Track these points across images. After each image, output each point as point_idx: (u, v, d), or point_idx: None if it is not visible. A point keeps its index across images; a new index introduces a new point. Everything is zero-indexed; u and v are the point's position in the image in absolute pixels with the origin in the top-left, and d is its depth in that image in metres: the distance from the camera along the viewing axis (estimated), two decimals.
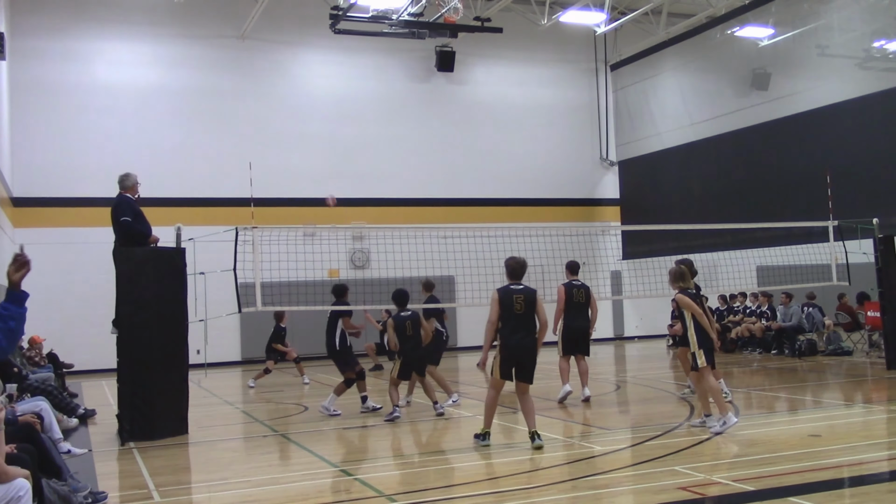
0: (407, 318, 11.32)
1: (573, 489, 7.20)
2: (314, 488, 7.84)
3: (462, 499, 7.02)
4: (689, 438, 9.24)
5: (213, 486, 7.85)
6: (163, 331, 10.67)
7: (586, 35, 26.14)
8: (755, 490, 6.87)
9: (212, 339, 18.64)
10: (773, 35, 22.11)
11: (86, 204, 19.86)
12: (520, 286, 9.24)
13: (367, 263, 23.16)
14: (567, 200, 26.19)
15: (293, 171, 22.93)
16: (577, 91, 26.99)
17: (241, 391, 17.01)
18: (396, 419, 11.24)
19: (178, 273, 11.04)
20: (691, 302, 9.66)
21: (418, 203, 24.10)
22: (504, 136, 25.71)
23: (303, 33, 23.65)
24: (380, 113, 24.46)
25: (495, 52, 25.39)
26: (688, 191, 23.64)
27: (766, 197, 20.76)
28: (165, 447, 9.93)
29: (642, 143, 25.91)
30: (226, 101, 22.84)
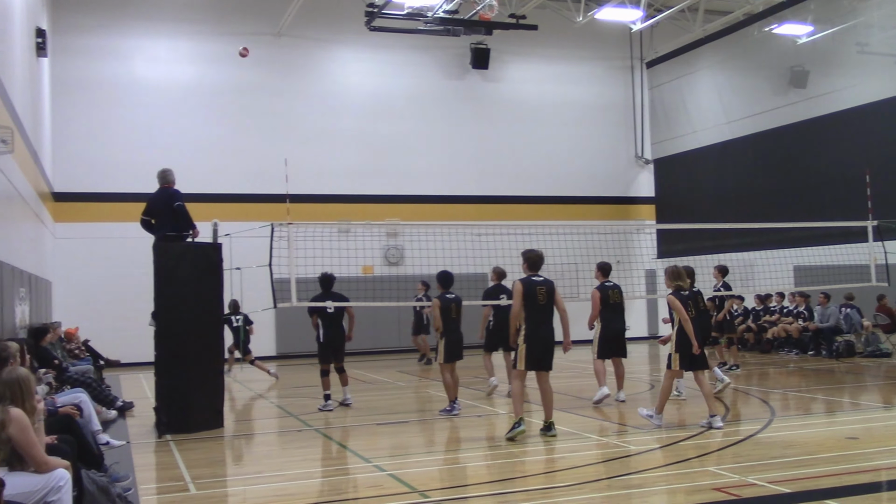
0: (452, 301, 11.27)
1: (607, 488, 7.18)
2: (348, 483, 7.90)
3: (494, 496, 7.03)
4: (724, 439, 9.17)
5: (247, 480, 7.94)
6: (199, 325, 10.80)
7: (622, 32, 25.97)
8: (791, 492, 6.80)
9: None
10: (811, 32, 21.81)
11: (124, 199, 20.11)
12: (540, 277, 9.54)
13: (401, 260, 23.22)
14: (602, 198, 26.06)
15: (328, 167, 23.04)
16: (613, 88, 26.84)
17: (276, 385, 17.13)
18: (454, 415, 11.23)
19: (215, 268, 11.16)
20: (680, 305, 9.88)
21: (452, 200, 24.12)
22: (539, 133, 25.64)
23: (338, 30, 23.74)
24: (414, 110, 24.50)
25: (530, 50, 25.32)
26: (724, 189, 23.42)
27: (803, 196, 20.52)
28: (201, 440, 10.05)
29: (678, 141, 25.71)
30: (262, 98, 23.01)
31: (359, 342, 13.03)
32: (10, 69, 12.07)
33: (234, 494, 7.55)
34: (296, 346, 21.92)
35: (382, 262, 23.05)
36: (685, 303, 9.97)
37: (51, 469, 5.36)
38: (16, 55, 12.90)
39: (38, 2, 17.15)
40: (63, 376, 10.73)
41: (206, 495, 7.37)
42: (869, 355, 18.20)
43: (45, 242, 17.93)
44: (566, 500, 6.83)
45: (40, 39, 16.24)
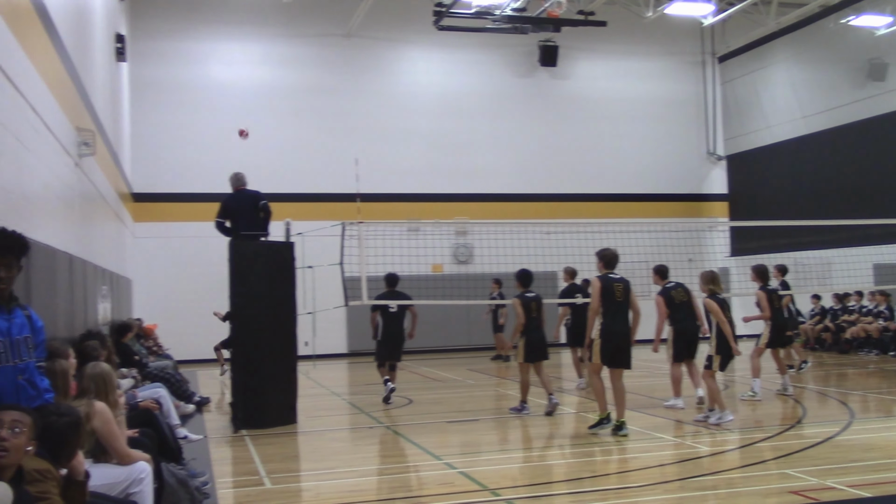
0: (532, 299, 11.23)
1: (680, 489, 7.09)
2: (417, 480, 7.96)
3: (566, 495, 7.01)
4: (802, 441, 8.96)
5: (320, 475, 8.06)
6: (273, 323, 10.99)
7: (693, 27, 25.55)
8: (872, 497, 6.63)
9: (319, 332, 19.09)
10: (891, 24, 21.14)
11: (200, 199, 20.53)
12: (617, 275, 9.65)
13: (471, 258, 23.26)
14: (672, 196, 25.67)
15: (397, 166, 23.20)
16: (684, 84, 26.43)
17: (347, 382, 17.35)
18: (556, 405, 11.13)
19: (288, 267, 11.35)
20: (718, 308, 10.13)
21: (521, 198, 24.05)
22: (607, 130, 25.39)
23: (407, 30, 23.89)
24: (482, 108, 24.50)
25: (599, 46, 25.09)
26: (799, 185, 22.88)
27: (883, 192, 19.91)
28: (276, 435, 10.23)
29: (751, 136, 25.20)
30: (332, 98, 23.28)
31: (428, 340, 13.15)
32: (92, 75, 12.46)
33: (308, 489, 7.68)
34: (367, 344, 22.02)
35: (452, 261, 23.11)
36: (723, 305, 10.25)
37: (133, 461, 5.50)
38: (97, 61, 13.31)
39: (118, 8, 17.65)
40: (143, 371, 11.04)
41: (280, 490, 7.50)
42: None
43: (125, 242, 18.45)
44: (639, 501, 6.78)
45: (119, 45, 16.71)
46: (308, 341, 18.14)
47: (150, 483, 5.52)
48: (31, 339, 4.62)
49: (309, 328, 17.49)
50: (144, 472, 5.49)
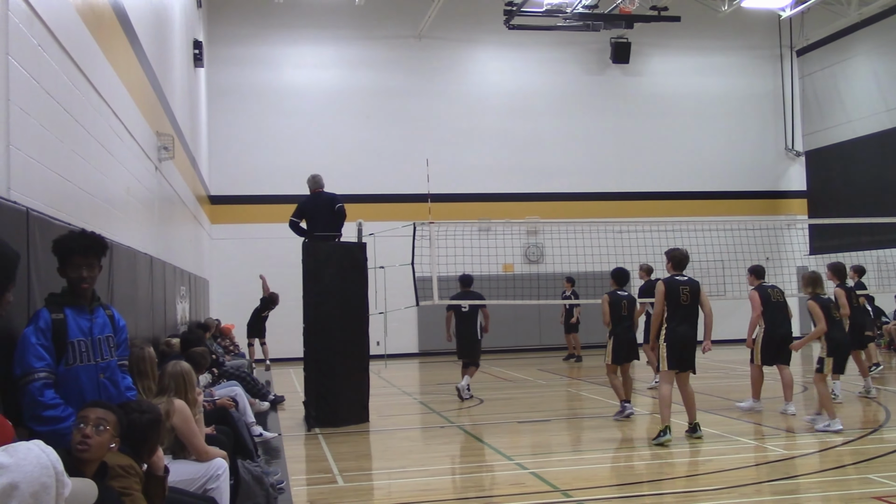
0: (624, 298, 10.97)
1: (756, 493, 6.96)
2: (489, 480, 7.97)
3: (639, 497, 6.93)
4: (885, 446, 8.69)
5: (392, 474, 8.13)
6: (346, 322, 11.12)
7: (770, 20, 24.98)
8: None
9: (391, 331, 19.24)
10: None
11: (274, 201, 20.91)
12: (684, 277, 9.35)
13: (542, 258, 23.15)
14: (749, 193, 25.12)
15: (468, 166, 23.23)
16: (760, 79, 25.83)
17: (418, 382, 17.45)
18: (629, 415, 10.75)
19: (360, 267, 11.47)
20: (820, 311, 9.65)
21: (592, 197, 23.83)
22: (682, 127, 24.99)
23: (477, 30, 23.90)
24: (553, 107, 24.36)
25: (673, 42, 24.70)
26: (883, 181, 22.15)
27: None
28: (348, 434, 10.35)
29: (832, 131, 24.51)
30: (403, 100, 23.44)
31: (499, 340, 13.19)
32: (171, 80, 12.80)
33: (380, 488, 7.76)
34: (437, 343, 22.18)
35: (523, 261, 23.04)
36: (826, 307, 9.75)
37: (210, 458, 5.64)
38: (176, 67, 13.67)
39: (195, 15, 18.09)
40: (220, 370, 11.29)
41: (353, 488, 7.59)
42: None
43: (202, 243, 18.90)
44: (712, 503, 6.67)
45: (197, 51, 17.13)
46: (379, 341, 18.29)
47: (226, 479, 5.65)
48: (113, 338, 4.76)
49: (380, 328, 17.64)
50: (222, 469, 5.62)
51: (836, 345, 9.68)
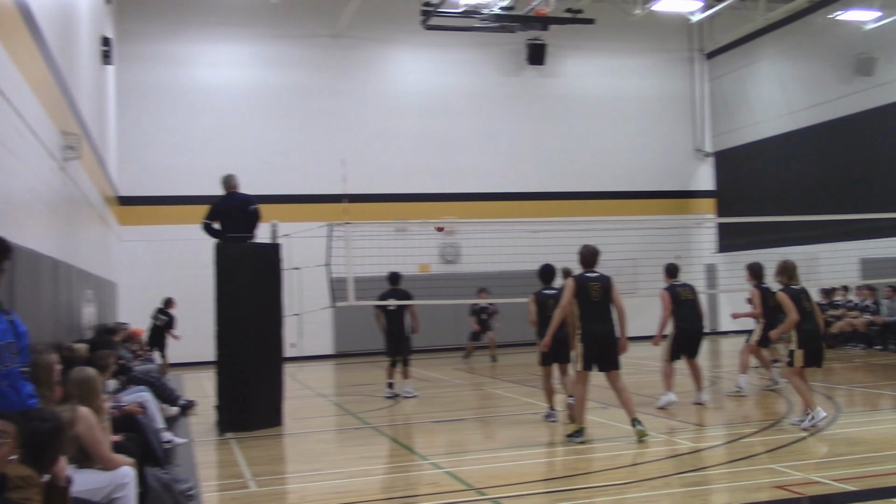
0: (550, 297, 10.41)
1: (666, 486, 7.12)
2: (404, 481, 7.97)
3: (553, 493, 7.01)
4: (787, 436, 8.99)
5: (306, 477, 8.05)
6: (259, 324, 10.97)
7: (681, 23, 25.60)
8: (857, 490, 6.66)
9: (306, 333, 19.04)
10: (879, 18, 21.20)
11: (186, 202, 20.49)
12: (595, 273, 9.20)
13: (458, 258, 23.25)
14: (660, 193, 25.71)
15: (385, 167, 23.18)
16: (672, 81, 26.47)
17: (334, 383, 17.34)
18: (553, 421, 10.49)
19: (274, 268, 11.34)
20: (791, 303, 9.36)
21: (509, 197, 24.04)
22: (596, 128, 25.41)
23: (394, 30, 23.87)
24: (470, 108, 24.50)
25: (587, 44, 25.10)
26: (787, 181, 22.94)
27: (870, 186, 20.00)
28: (261, 438, 10.21)
29: (739, 132, 25.27)
30: (320, 99, 23.24)
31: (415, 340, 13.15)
32: (78, 78, 12.42)
33: (294, 492, 7.67)
34: (353, 344, 22.12)
35: (439, 261, 23.09)
36: (797, 298, 9.43)
37: (116, 466, 5.49)
38: (83, 64, 13.26)
39: (104, 11, 17.59)
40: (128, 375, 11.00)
41: (266, 493, 7.49)
42: None
43: (110, 245, 18.38)
44: (625, 498, 6.79)
45: (106, 48, 16.65)
46: (294, 343, 18.09)
47: (133, 488, 5.52)
48: (15, 344, 4.60)
49: (295, 330, 17.45)
50: (128, 477, 5.49)
51: (808, 337, 9.39)
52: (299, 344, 18.58)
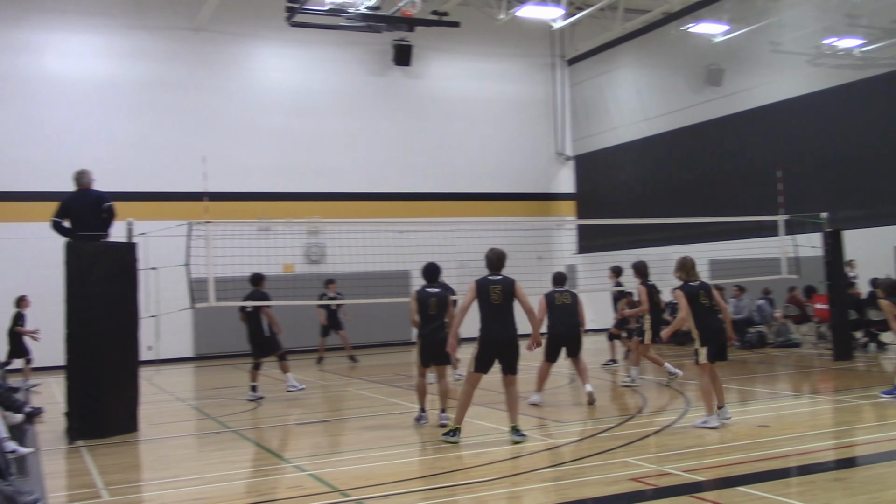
0: (432, 295, 10.04)
1: (527, 481, 7.24)
2: (267, 484, 7.80)
3: (417, 492, 7.01)
4: (641, 430, 9.33)
5: (163, 485, 7.76)
6: (113, 327, 10.53)
7: (543, 30, 26.21)
8: (705, 480, 6.97)
9: (164, 335, 18.41)
10: (727, 31, 22.36)
11: (36, 199, 19.40)
12: (498, 276, 9.07)
13: (323, 258, 23.01)
14: (523, 195, 26.24)
15: (248, 164, 22.69)
16: (534, 86, 27.06)
17: (193, 388, 16.84)
18: (423, 424, 10.24)
19: (130, 268, 10.91)
20: (685, 301, 9.41)
21: (374, 197, 23.99)
22: (461, 130, 25.69)
23: (258, 25, 23.39)
24: (336, 107, 24.30)
25: (453, 47, 25.35)
26: (643, 185, 23.86)
27: (719, 191, 21.04)
28: (115, 445, 9.79)
29: (598, 137, 26.08)
30: (179, 94, 22.52)
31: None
32: None
33: (150, 500, 7.38)
34: (214, 346, 21.57)
35: (304, 260, 22.80)
36: (694, 295, 9.47)
37: None
38: None
39: None
40: None
41: (119, 502, 7.18)
42: (780, 346, 18.81)
43: None
44: (485, 496, 6.86)
45: None
46: (151, 346, 17.49)
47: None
48: None
49: (152, 332, 16.85)
50: None
51: (709, 333, 9.42)
52: (156, 346, 17.98)
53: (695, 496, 6.50)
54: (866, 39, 20.42)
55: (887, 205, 16.83)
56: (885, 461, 7.50)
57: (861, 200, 17.19)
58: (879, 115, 16.93)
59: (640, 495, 6.66)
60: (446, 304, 10.15)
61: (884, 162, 16.61)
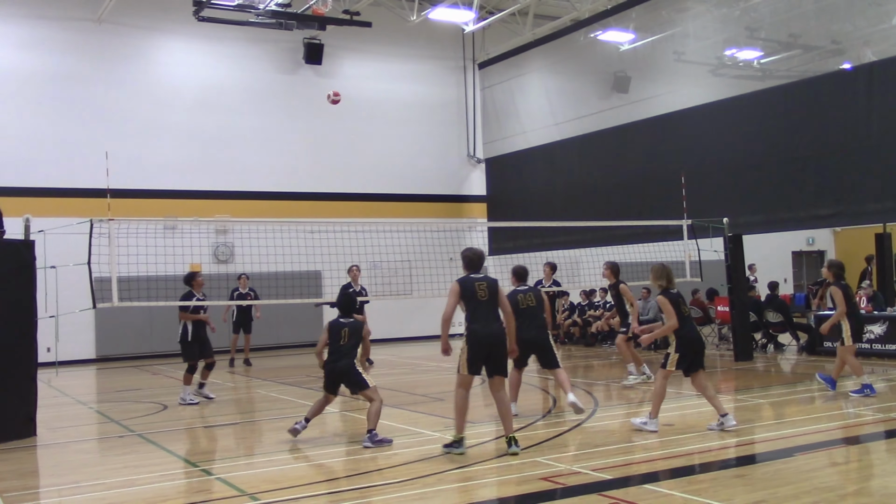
0: (345, 326, 9.47)
1: (438, 482, 7.25)
2: (173, 489, 7.61)
3: (328, 495, 6.95)
4: (551, 430, 9.47)
5: (62, 491, 7.49)
6: (8, 327, 10.12)
7: (455, 33, 26.34)
8: (612, 478, 7.11)
9: (64, 336, 17.77)
10: (633, 40, 22.86)
11: None
12: (481, 275, 8.77)
13: (231, 258, 22.60)
14: (435, 196, 26.32)
15: (154, 161, 22.11)
16: (446, 88, 27.16)
17: (95, 390, 16.32)
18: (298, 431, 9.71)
19: (26, 267, 10.51)
20: (671, 306, 9.29)
21: (284, 197, 23.68)
22: (372, 131, 25.58)
23: (164, 19, 22.81)
24: (246, 104, 23.89)
25: (364, 47, 25.24)
26: (552, 189, 24.18)
27: (625, 195, 21.49)
28: (11, 451, 9.40)
29: (508, 141, 26.33)
30: (81, 87, 21.78)
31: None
32: None
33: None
34: (118, 348, 20.95)
35: (212, 260, 22.35)
36: (677, 303, 9.34)
37: None
38: None
39: None
40: None
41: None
42: None
43: None
44: (397, 497, 6.84)
45: None
46: (50, 347, 16.88)
47: None
48: None
49: (51, 333, 16.27)
50: None
51: (686, 341, 9.32)
52: (55, 348, 17.36)
53: (603, 494, 6.62)
54: (765, 52, 21.23)
55: (785, 211, 17.50)
56: (783, 458, 7.79)
57: (760, 207, 17.81)
58: (777, 125, 17.57)
59: (550, 494, 6.75)
60: (359, 334, 9.52)
61: (781, 170, 17.24)
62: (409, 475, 7.50)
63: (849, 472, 7.65)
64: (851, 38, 18.96)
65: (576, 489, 6.83)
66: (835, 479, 7.12)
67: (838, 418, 10.05)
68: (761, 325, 17.95)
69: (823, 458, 7.84)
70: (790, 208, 17.39)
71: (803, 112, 17.02)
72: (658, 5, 21.39)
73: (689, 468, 7.65)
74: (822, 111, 16.67)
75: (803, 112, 17.02)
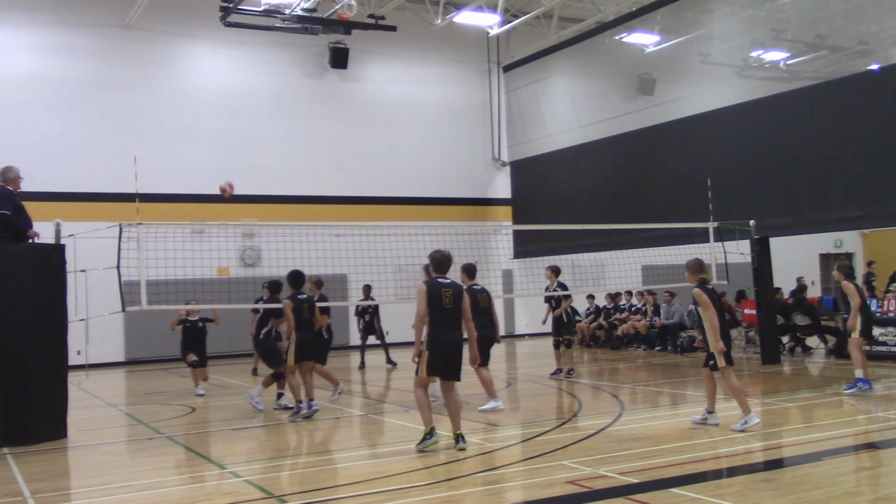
0: (304, 301, 11.35)
1: (464, 485, 7.26)
2: (202, 491, 7.68)
3: (352, 498, 6.98)
4: (577, 434, 9.45)
5: (93, 492, 7.58)
6: (40, 331, 10.25)
7: (480, 36, 26.38)
8: (639, 482, 7.08)
9: (94, 339, 18.00)
10: (658, 42, 22.78)
11: None
12: (447, 280, 8.88)
13: (258, 261, 22.76)
14: (459, 200, 26.36)
15: (181, 166, 22.33)
16: (471, 91, 27.20)
17: (124, 393, 16.49)
18: (304, 415, 11.01)
19: (58, 270, 10.64)
20: (708, 300, 9.38)
21: (310, 200, 23.82)
22: (397, 134, 25.68)
23: (191, 24, 23.05)
24: (272, 108, 24.07)
25: (389, 51, 25.35)
26: (577, 191, 24.12)
27: (650, 198, 21.38)
28: (42, 452, 9.53)
29: (533, 144, 26.30)
30: (110, 93, 22.05)
31: (212, 346, 12.76)
32: None
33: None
34: (146, 351, 21.16)
35: (238, 264, 22.51)
36: (713, 297, 9.48)
37: None
38: None
39: None
40: None
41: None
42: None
43: None
44: (423, 500, 6.86)
45: None
46: (80, 350, 17.09)
47: None
48: None
49: (81, 336, 16.47)
50: None
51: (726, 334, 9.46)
52: (85, 351, 17.57)
53: (629, 498, 6.60)
54: (791, 53, 21.03)
55: (812, 213, 17.33)
56: (811, 462, 7.73)
57: (787, 209, 17.66)
58: (804, 127, 17.41)
59: (577, 498, 6.74)
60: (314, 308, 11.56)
61: (809, 172, 17.08)
62: (434, 478, 7.52)
63: (879, 476, 7.57)
64: (879, 38, 18.75)
65: (602, 493, 6.81)
66: (864, 484, 7.06)
67: (867, 422, 9.95)
68: (788, 328, 17.80)
69: (852, 463, 7.77)
70: (817, 210, 17.22)
71: (830, 113, 16.85)
72: (683, 7, 21.26)
73: (717, 472, 7.62)
74: (850, 112, 16.49)
75: (830, 113, 16.85)
